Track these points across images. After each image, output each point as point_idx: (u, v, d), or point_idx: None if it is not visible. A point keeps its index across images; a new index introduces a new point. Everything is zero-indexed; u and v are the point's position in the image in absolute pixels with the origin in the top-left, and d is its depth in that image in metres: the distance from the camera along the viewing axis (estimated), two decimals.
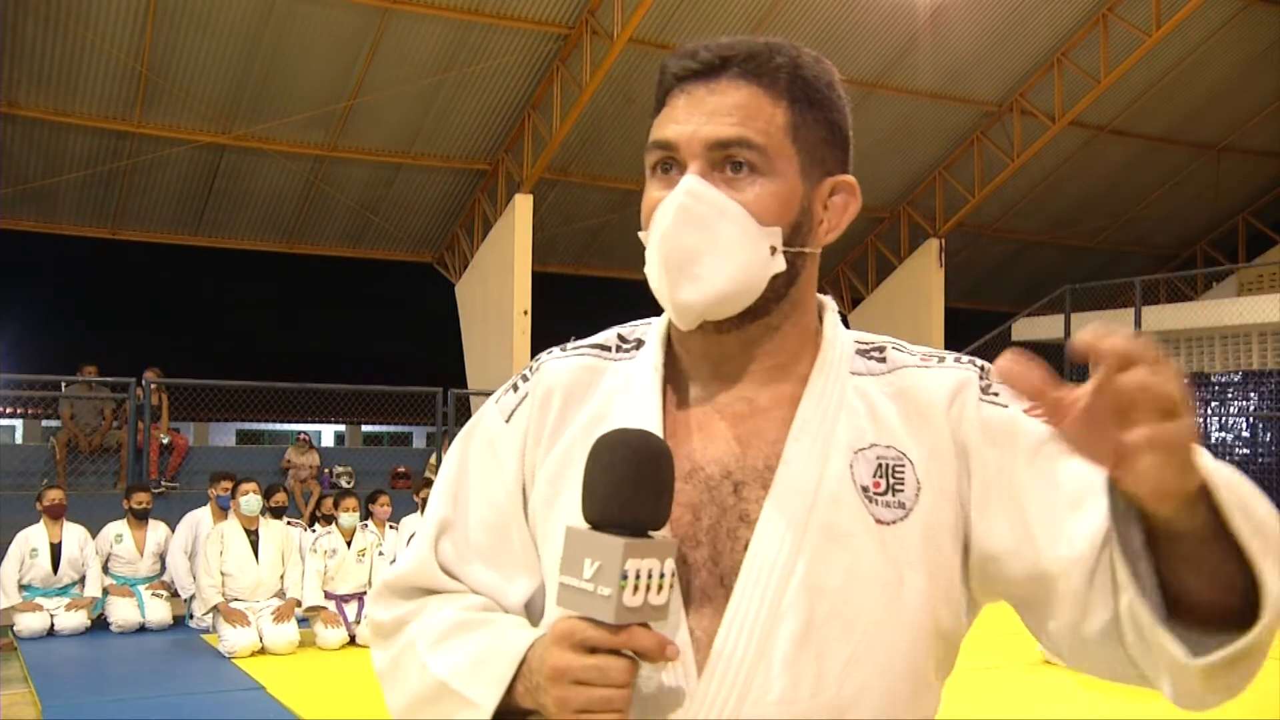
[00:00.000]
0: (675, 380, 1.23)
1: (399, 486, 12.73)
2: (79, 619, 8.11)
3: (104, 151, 13.47)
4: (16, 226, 14.38)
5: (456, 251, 16.10)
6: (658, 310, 1.28)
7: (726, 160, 1.13)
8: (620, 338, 1.30)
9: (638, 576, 1.01)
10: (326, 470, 12.87)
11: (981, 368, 1.20)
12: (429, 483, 10.08)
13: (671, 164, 1.17)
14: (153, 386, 11.36)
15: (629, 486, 1.03)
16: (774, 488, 1.13)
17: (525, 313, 14.17)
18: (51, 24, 11.70)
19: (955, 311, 17.65)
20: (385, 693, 1.25)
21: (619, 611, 1.00)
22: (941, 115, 15.68)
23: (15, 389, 13.74)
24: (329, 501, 8.62)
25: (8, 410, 20.23)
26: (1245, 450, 13.80)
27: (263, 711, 6.09)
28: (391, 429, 26.19)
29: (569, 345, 1.31)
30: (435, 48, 12.92)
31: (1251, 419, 13.84)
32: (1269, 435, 13.59)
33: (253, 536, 7.82)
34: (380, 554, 8.25)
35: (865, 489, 1.13)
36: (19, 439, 22.47)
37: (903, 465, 1.14)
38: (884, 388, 1.19)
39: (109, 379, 11.57)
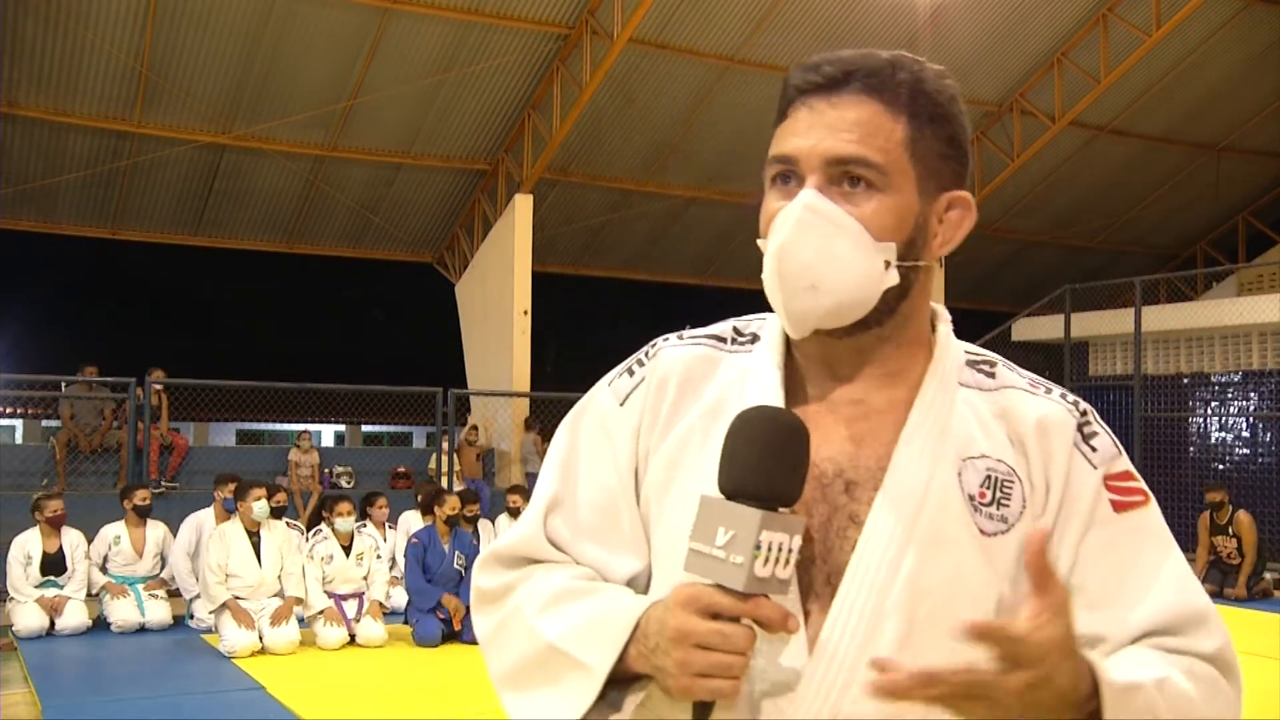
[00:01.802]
0: (791, 377, 1.24)
1: (399, 487, 12.73)
2: (79, 618, 8.10)
3: (104, 151, 13.47)
4: (16, 226, 14.38)
5: (456, 251, 16.10)
6: (658, 309, 1.29)
7: (844, 175, 1.15)
8: (736, 330, 1.31)
9: (770, 548, 1.03)
10: (326, 470, 12.87)
11: (1083, 412, 1.23)
12: (430, 483, 10.08)
13: (791, 176, 1.18)
14: (154, 387, 11.35)
15: (769, 459, 1.06)
16: (883, 490, 1.15)
17: (525, 313, 14.17)
18: (51, 24, 11.70)
19: (955, 311, 17.12)
20: (488, 660, 1.25)
21: (749, 580, 1.03)
22: None
23: (15, 389, 13.74)
24: (328, 502, 8.60)
25: (8, 410, 20.23)
26: (1245, 450, 13.81)
27: (263, 711, 6.09)
28: (391, 429, 26.18)
29: (685, 334, 1.32)
30: (435, 48, 12.93)
31: (1251, 419, 13.84)
32: (1269, 435, 13.59)
33: (254, 538, 7.81)
34: (378, 556, 8.24)
35: (971, 498, 1.16)
36: (19, 439, 22.47)
37: (1012, 481, 1.17)
38: (989, 404, 1.21)
39: (109, 379, 11.57)
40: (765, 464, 1.06)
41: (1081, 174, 17.45)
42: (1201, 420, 14.20)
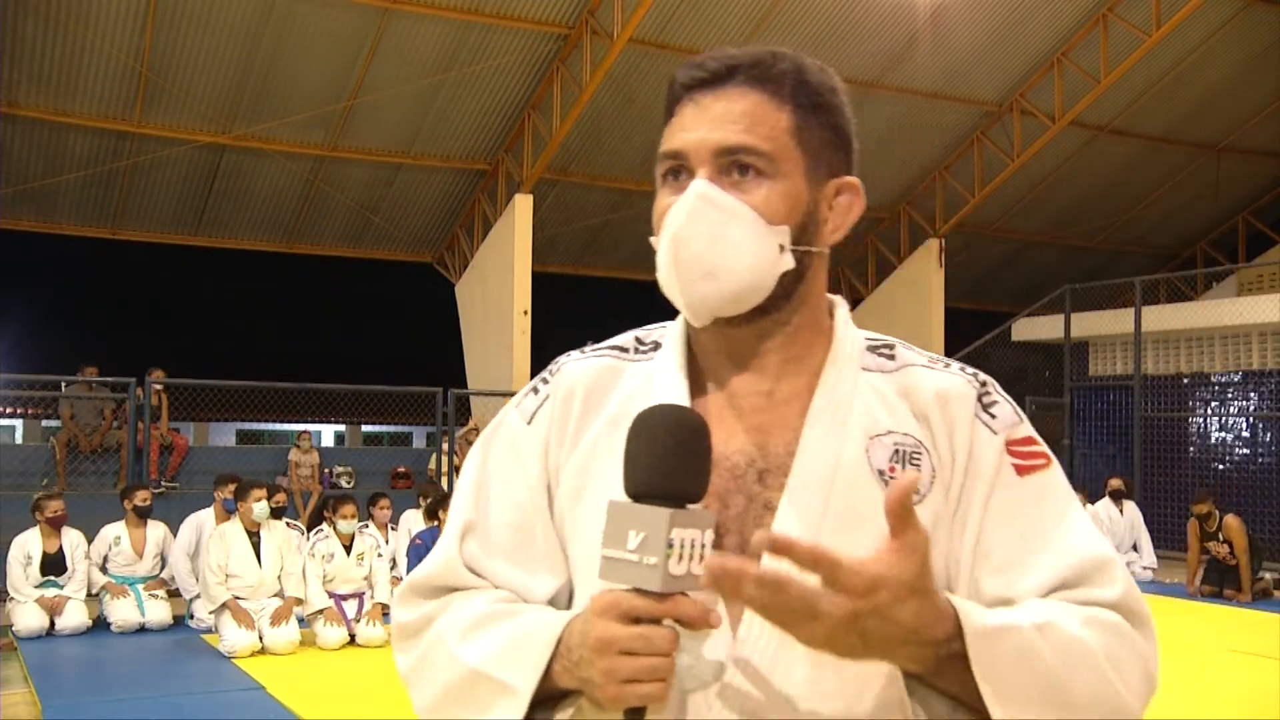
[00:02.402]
0: (695, 378, 1.26)
1: (399, 487, 12.73)
2: (79, 618, 8.10)
3: (104, 151, 13.47)
4: (16, 226, 14.38)
5: (456, 251, 16.10)
6: (657, 309, 1.30)
7: (734, 165, 1.17)
8: (638, 340, 1.33)
9: (682, 545, 1.03)
10: (326, 470, 12.87)
11: (983, 383, 1.25)
12: (432, 484, 10.08)
13: (681, 171, 1.20)
14: (154, 387, 11.35)
15: (672, 458, 1.07)
16: (792, 475, 1.17)
17: (525, 313, 14.17)
18: (51, 24, 11.70)
19: (955, 311, 17.65)
20: (412, 694, 1.24)
21: (665, 580, 1.02)
22: (941, 115, 15.69)
23: (15, 389, 13.74)
24: (330, 502, 8.60)
25: (8, 410, 20.23)
26: (1245, 450, 13.81)
27: (263, 711, 6.09)
28: (391, 429, 26.19)
29: (588, 348, 1.34)
30: (435, 48, 12.93)
31: (1251, 419, 13.85)
32: (1269, 435, 13.59)
33: (254, 538, 7.81)
34: (379, 556, 8.25)
35: (881, 473, 1.18)
36: (19, 439, 22.47)
37: (920, 453, 1.20)
38: (892, 385, 1.24)
39: (109, 379, 11.56)
40: (668, 462, 1.06)
41: (1081, 174, 17.45)
42: (1201, 420, 14.20)
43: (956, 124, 16.05)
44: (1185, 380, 14.31)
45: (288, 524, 8.41)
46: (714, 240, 1.16)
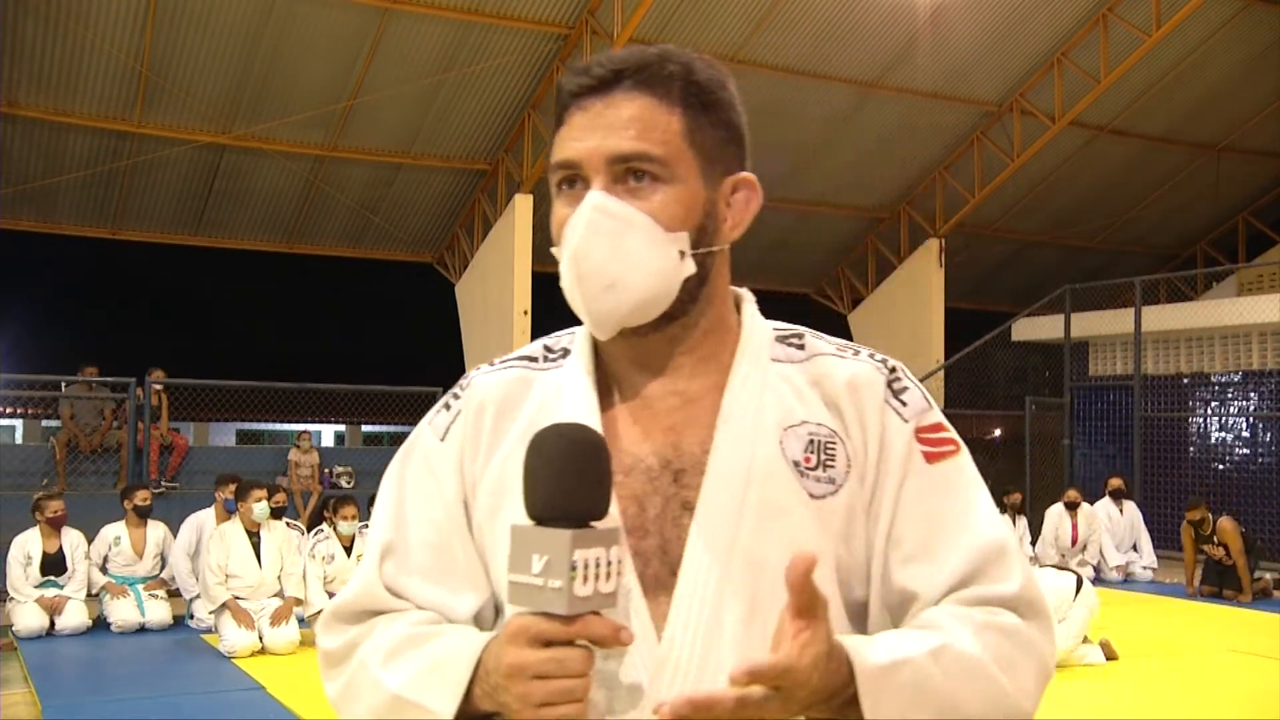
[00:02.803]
0: (605, 382, 1.26)
1: None
2: (79, 618, 8.10)
3: (104, 151, 13.47)
4: (16, 226, 14.38)
5: (456, 251, 16.10)
6: None
7: (628, 172, 1.16)
8: (546, 348, 1.32)
9: (586, 566, 1.02)
10: (326, 470, 12.87)
11: (892, 369, 1.25)
12: None
13: (576, 180, 1.19)
14: (154, 387, 11.35)
15: (570, 478, 1.05)
16: (709, 471, 1.17)
17: (525, 313, 14.17)
18: (51, 24, 11.70)
19: (955, 311, 17.64)
20: (341, 716, 1.24)
21: (571, 602, 1.02)
22: (941, 115, 15.69)
23: (15, 389, 13.74)
24: (331, 502, 8.60)
25: (8, 410, 20.23)
26: (1245, 450, 13.82)
27: (263, 711, 6.09)
28: (391, 429, 26.15)
29: (496, 360, 1.33)
30: (435, 48, 12.93)
31: (1251, 419, 13.85)
32: (1269, 435, 13.59)
33: (254, 538, 7.81)
34: None
35: (796, 464, 1.18)
36: (19, 439, 22.48)
37: (834, 442, 1.20)
38: (802, 374, 1.24)
39: (109, 379, 11.57)
40: (566, 483, 1.05)
41: (1081, 174, 17.44)
42: (1201, 420, 14.21)
43: (956, 124, 16.05)
44: (1185, 380, 14.31)
45: (287, 524, 8.40)
46: (613, 252, 1.15)
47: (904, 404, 1.22)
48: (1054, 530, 11.30)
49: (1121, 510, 11.78)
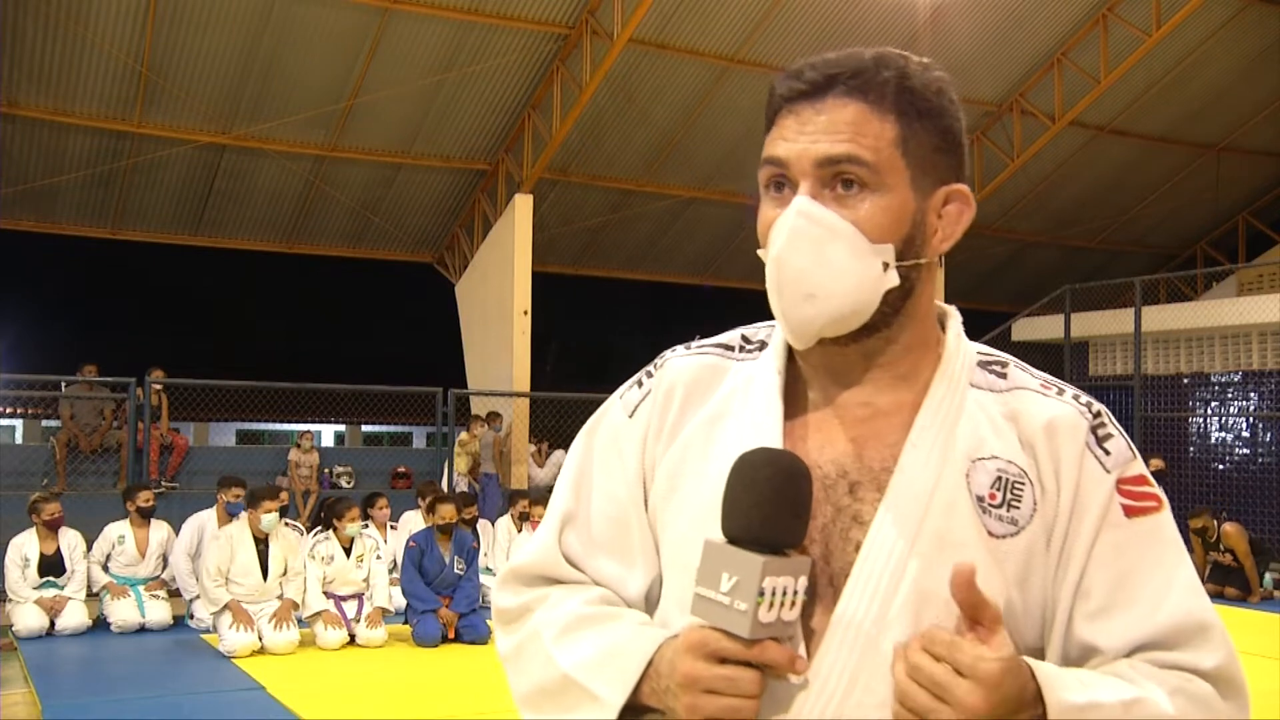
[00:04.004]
0: (795, 383, 1.24)
1: (399, 487, 12.73)
2: (79, 619, 8.10)
3: (104, 151, 13.47)
4: (16, 226, 14.38)
5: (456, 251, 16.10)
6: (657, 309, 1.29)
7: (837, 178, 1.14)
8: (744, 338, 1.31)
9: (774, 593, 1.04)
10: (326, 470, 12.86)
11: (1096, 414, 1.20)
12: (433, 486, 10.06)
13: (784, 182, 1.17)
14: (154, 387, 11.35)
15: (770, 505, 1.06)
16: (889, 492, 1.14)
17: (525, 313, 14.17)
18: (51, 24, 11.70)
19: None
20: (510, 676, 1.28)
21: (754, 627, 1.04)
22: None
23: (15, 389, 13.74)
24: (329, 503, 8.57)
25: (8, 410, 20.24)
26: (1245, 450, 13.81)
27: (263, 711, 6.09)
28: (391, 429, 26.19)
29: (693, 344, 1.33)
30: (435, 48, 12.93)
31: (1251, 419, 13.84)
32: (1269, 435, 13.59)
33: (261, 545, 7.76)
34: (378, 558, 8.23)
35: (980, 499, 1.14)
36: (19, 439, 22.47)
37: (1023, 483, 1.15)
38: (1000, 406, 1.19)
39: (109, 379, 11.56)
40: (765, 509, 1.06)
41: (1081, 174, 17.45)
42: (1201, 420, 14.20)
43: None
44: (1185, 380, 14.31)
45: (286, 523, 8.35)
46: (815, 261, 1.13)
47: (1107, 453, 1.17)
48: None
49: None
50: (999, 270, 19.70)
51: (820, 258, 1.13)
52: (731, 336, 1.32)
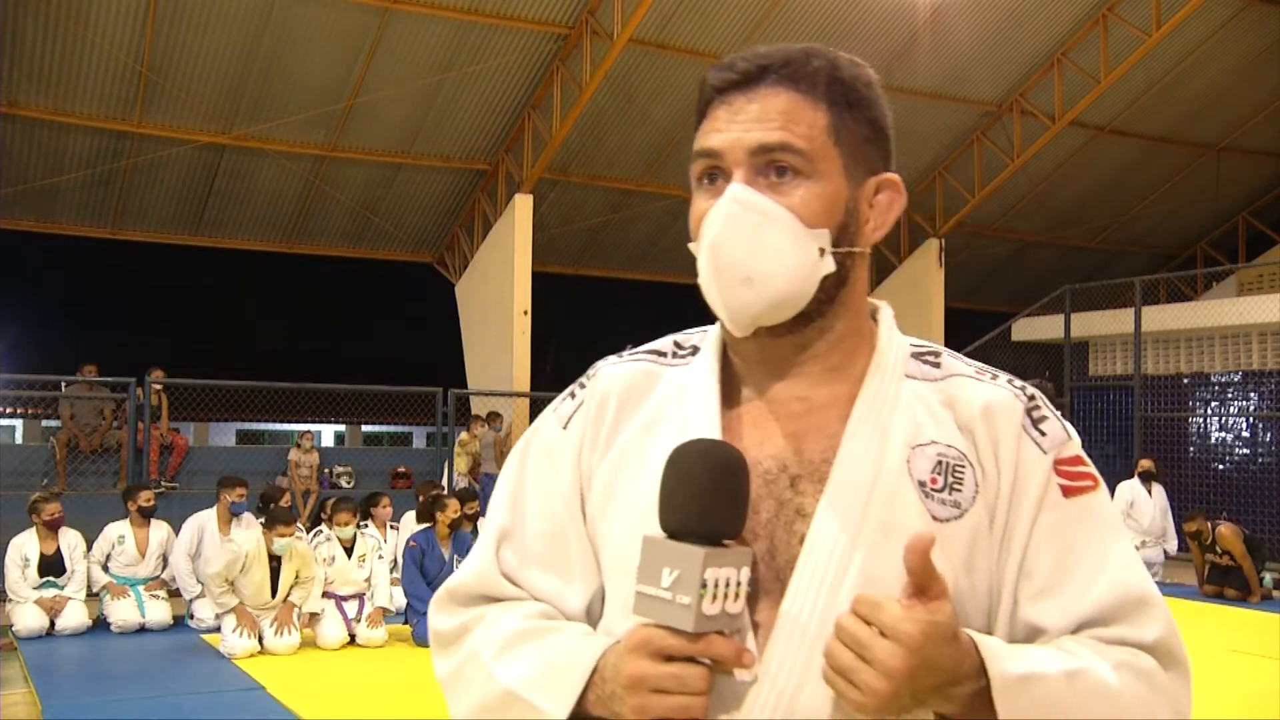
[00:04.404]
0: (731, 382, 1.24)
1: (399, 487, 12.72)
2: (79, 618, 8.10)
3: (104, 151, 13.47)
4: (16, 226, 14.39)
5: (456, 251, 16.10)
6: (657, 309, 1.29)
7: (771, 165, 1.15)
8: (676, 344, 1.31)
9: (716, 585, 1.02)
10: (326, 470, 12.86)
11: (1031, 397, 1.21)
12: (433, 485, 10.06)
13: (717, 173, 1.17)
14: (154, 387, 11.35)
15: (708, 496, 1.05)
16: (830, 483, 1.14)
17: (525, 313, 14.17)
18: (51, 24, 11.71)
19: (955, 311, 17.66)
20: (449, 701, 1.25)
21: (698, 620, 1.02)
22: (941, 115, 15.69)
23: (15, 389, 13.74)
24: (328, 503, 8.56)
25: (8, 410, 20.24)
26: (1245, 450, 13.81)
27: (263, 711, 6.09)
28: (391, 429, 26.19)
29: (625, 352, 1.32)
30: (435, 48, 12.93)
31: (1251, 419, 13.85)
32: (1269, 435, 13.59)
33: (274, 561, 7.68)
34: (380, 557, 8.22)
35: (922, 484, 1.15)
36: (19, 439, 22.47)
37: (964, 466, 1.16)
38: (936, 394, 1.20)
39: (109, 379, 11.56)
40: (703, 500, 1.05)
41: (1081, 174, 17.45)
42: (1201, 420, 14.20)
43: (956, 124, 16.06)
44: (1185, 380, 14.31)
45: (296, 537, 8.14)
46: (752, 246, 1.13)
47: (1043, 434, 1.18)
48: None
49: (1150, 493, 11.19)
50: (999, 270, 19.71)
51: (757, 243, 1.13)
52: (664, 343, 1.31)
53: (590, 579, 1.23)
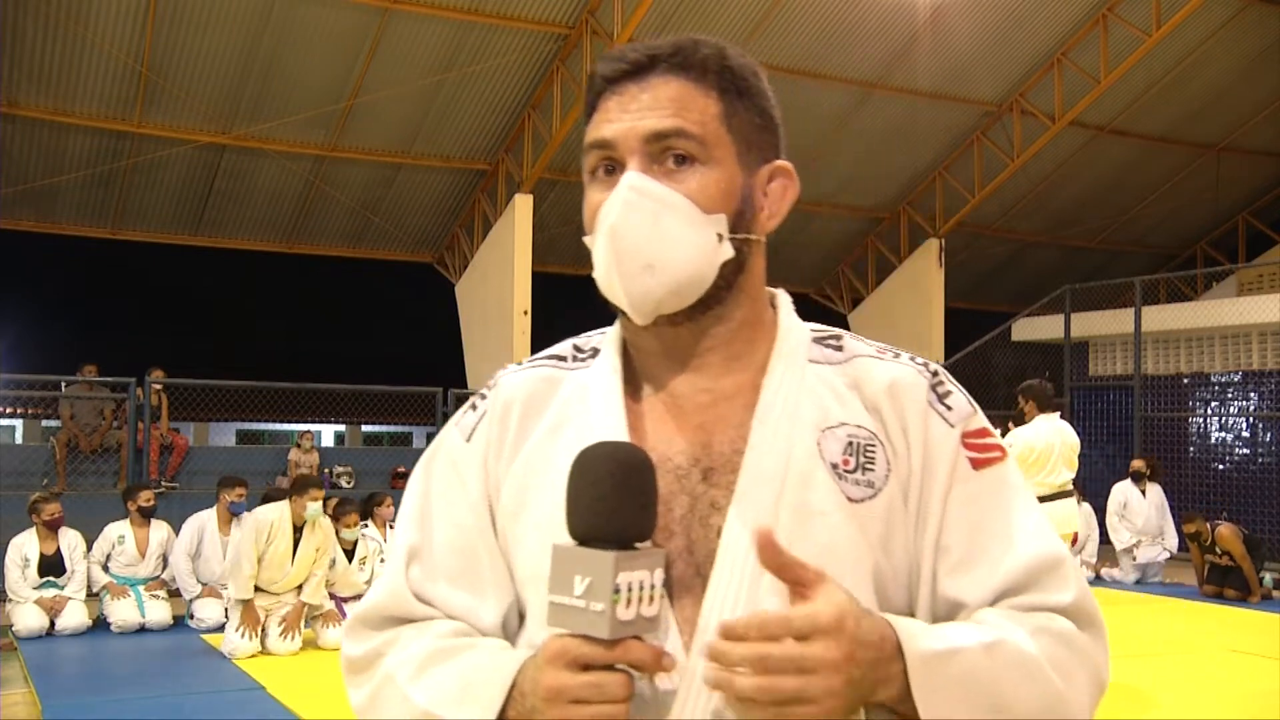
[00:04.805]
0: (634, 380, 1.23)
1: (399, 487, 12.71)
2: (79, 619, 8.10)
3: (104, 151, 13.47)
4: (16, 226, 14.38)
5: (456, 251, 16.10)
6: None
7: (666, 152, 1.15)
8: (576, 348, 1.30)
9: (629, 589, 1.01)
10: (326, 470, 12.86)
11: (934, 373, 1.22)
12: None
13: (612, 163, 1.18)
14: (154, 387, 11.36)
15: (615, 499, 1.03)
16: (742, 473, 1.13)
17: (525, 313, 14.17)
18: (51, 24, 11.70)
19: (955, 311, 17.65)
20: None
21: (613, 626, 1.00)
22: (941, 115, 15.69)
23: (15, 389, 13.73)
24: (330, 504, 8.55)
25: (8, 410, 20.23)
26: (1245, 450, 13.81)
27: (263, 711, 6.09)
28: (391, 429, 26.17)
29: (525, 360, 1.32)
30: (435, 48, 12.93)
31: (1251, 419, 13.85)
32: (1269, 435, 13.59)
33: (296, 533, 7.60)
34: (381, 560, 8.22)
35: (835, 465, 1.14)
36: (19, 439, 22.47)
37: (874, 445, 1.16)
38: (841, 376, 1.20)
39: (109, 379, 11.56)
40: (610, 503, 1.03)
41: (1081, 174, 17.45)
42: (1201, 420, 14.20)
43: (956, 124, 16.05)
44: (1185, 380, 14.31)
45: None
46: (651, 232, 1.13)
47: (949, 408, 1.19)
48: None
49: (1144, 493, 11.19)
50: (999, 270, 19.71)
51: (656, 229, 1.13)
52: (563, 347, 1.31)
53: (504, 592, 1.21)
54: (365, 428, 25.88)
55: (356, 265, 17.79)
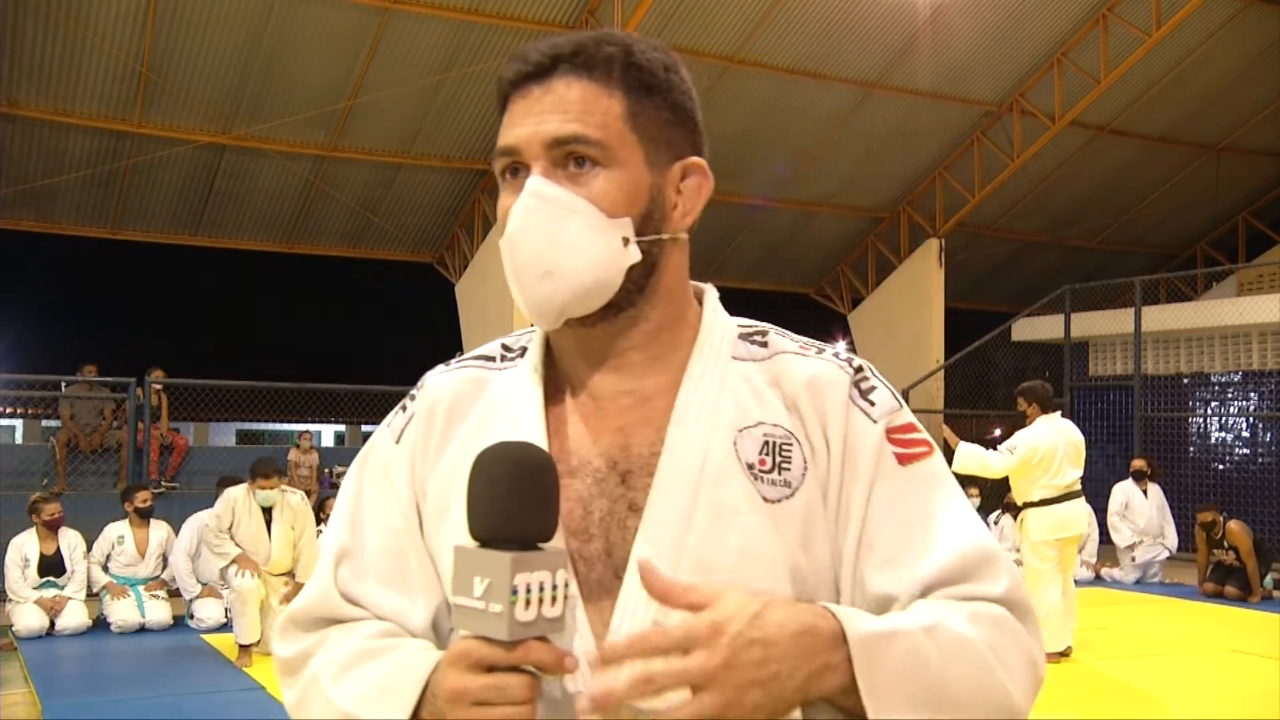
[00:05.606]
0: (558, 380, 1.23)
1: None
2: (79, 619, 8.10)
3: (104, 151, 13.47)
4: (16, 226, 14.39)
5: (456, 251, 16.10)
6: None
7: (568, 157, 1.14)
8: (505, 347, 1.30)
9: (529, 590, 1.00)
10: (326, 470, 12.87)
11: (858, 368, 1.20)
12: None
13: (519, 168, 1.17)
14: (153, 387, 11.36)
15: (513, 500, 1.02)
16: (659, 473, 1.13)
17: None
18: (51, 24, 11.70)
19: (955, 311, 17.65)
20: None
21: (512, 627, 0.99)
22: (941, 115, 15.68)
23: (15, 389, 13.74)
24: (328, 503, 8.57)
25: (8, 410, 20.23)
26: (1245, 450, 13.82)
27: (263, 711, 6.09)
28: None
29: (454, 361, 1.31)
30: (435, 48, 12.93)
31: (1251, 419, 13.85)
32: (1269, 435, 13.60)
33: (266, 514, 7.57)
34: None
35: (750, 466, 1.14)
36: (19, 439, 22.48)
37: (790, 444, 1.15)
38: (763, 374, 1.19)
39: (109, 379, 11.57)
40: (508, 504, 1.02)
41: (1081, 174, 17.44)
42: (1201, 420, 14.20)
43: (956, 124, 16.05)
44: (1185, 380, 14.31)
45: (284, 490, 7.94)
46: (551, 238, 1.12)
47: (872, 404, 1.17)
48: None
49: (1145, 492, 11.20)
50: (999, 270, 19.71)
51: (555, 235, 1.12)
52: (492, 347, 1.30)
53: (433, 593, 1.20)
54: (365, 428, 25.84)
55: (356, 265, 17.81)
